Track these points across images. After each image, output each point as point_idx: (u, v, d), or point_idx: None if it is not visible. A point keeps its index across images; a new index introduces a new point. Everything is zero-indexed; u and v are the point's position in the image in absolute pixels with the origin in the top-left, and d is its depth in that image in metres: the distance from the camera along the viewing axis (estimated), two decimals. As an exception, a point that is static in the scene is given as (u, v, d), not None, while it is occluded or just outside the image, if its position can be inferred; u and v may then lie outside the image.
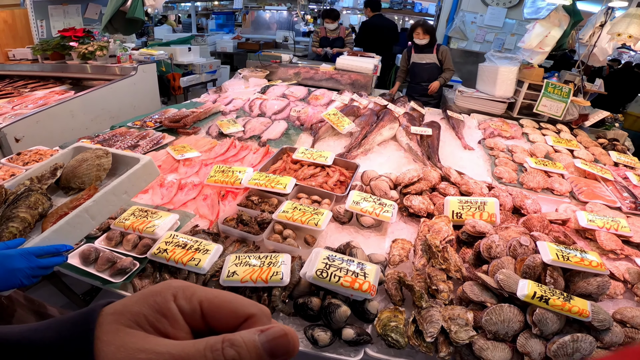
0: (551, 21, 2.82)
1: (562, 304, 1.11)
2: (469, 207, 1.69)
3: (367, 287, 1.19)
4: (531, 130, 2.99)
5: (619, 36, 2.56)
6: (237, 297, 0.38)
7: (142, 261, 1.42)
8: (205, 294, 0.37)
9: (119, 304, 0.35)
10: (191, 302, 0.36)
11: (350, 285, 1.19)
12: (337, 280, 1.20)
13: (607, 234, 1.72)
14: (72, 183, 1.18)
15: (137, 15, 3.27)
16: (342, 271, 1.22)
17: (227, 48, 6.65)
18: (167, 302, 0.36)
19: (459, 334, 1.11)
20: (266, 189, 1.83)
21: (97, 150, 1.24)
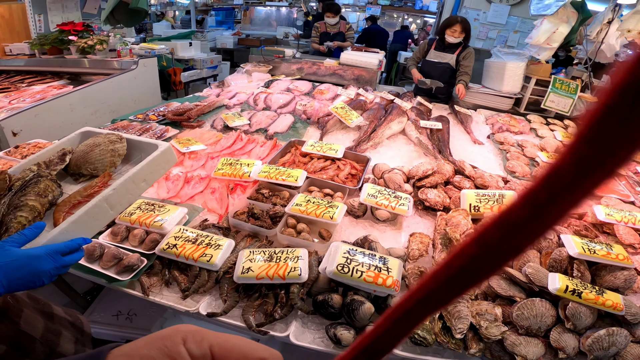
0: (559, 17, 2.79)
1: (595, 297, 1.07)
2: (486, 200, 1.65)
3: (390, 282, 1.14)
4: (539, 126, 2.97)
5: (629, 32, 2.54)
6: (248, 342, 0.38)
7: (150, 257, 1.34)
8: (215, 338, 0.38)
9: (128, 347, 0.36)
10: (201, 347, 0.37)
11: (373, 281, 1.14)
12: (360, 275, 1.14)
13: (625, 228, 1.68)
14: (84, 169, 1.10)
15: (141, 5, 3.19)
16: (364, 266, 1.17)
17: (227, 44, 6.57)
18: (177, 346, 0.36)
19: (490, 329, 1.06)
20: (277, 181, 1.77)
21: (110, 135, 1.17)
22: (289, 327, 1.17)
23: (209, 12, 8.82)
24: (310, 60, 4.25)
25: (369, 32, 7.28)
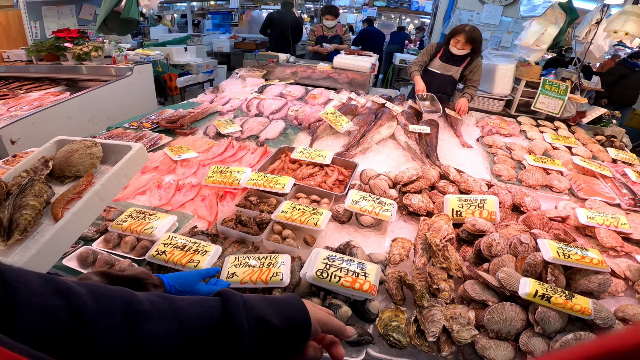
0: (547, 19, 2.82)
1: (564, 302, 1.10)
2: (468, 205, 1.69)
3: (367, 287, 1.18)
4: (529, 128, 3.00)
5: (615, 33, 2.56)
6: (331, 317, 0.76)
7: (141, 263, 1.41)
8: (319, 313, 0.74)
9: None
10: None
11: (350, 286, 1.18)
12: (338, 280, 1.19)
13: (607, 231, 1.72)
14: (67, 172, 1.23)
15: (132, 16, 3.24)
16: (342, 271, 1.21)
17: (223, 48, 6.62)
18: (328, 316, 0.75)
19: (461, 333, 1.10)
20: (265, 189, 1.82)
21: (85, 142, 1.31)
22: None
23: (205, 15, 8.87)
24: (304, 65, 4.29)
25: (365, 34, 7.36)
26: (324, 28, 5.08)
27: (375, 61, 4.13)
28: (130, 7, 3.18)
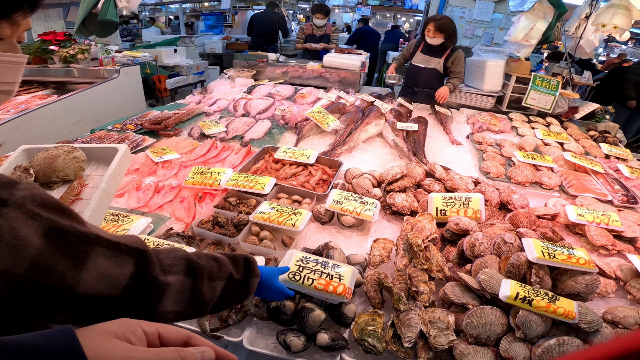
0: (536, 13, 2.77)
1: (546, 305, 1.05)
2: (453, 204, 1.63)
3: (341, 290, 1.12)
4: (520, 124, 2.94)
5: (603, 27, 2.51)
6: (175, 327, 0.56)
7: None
8: (157, 324, 0.54)
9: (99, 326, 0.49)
10: (151, 327, 0.52)
11: (324, 289, 1.12)
12: (311, 283, 1.13)
13: (597, 229, 1.66)
14: (54, 177, 1.25)
15: (109, 17, 3.17)
16: (315, 273, 1.16)
17: (216, 49, 6.57)
18: (134, 326, 0.51)
19: (437, 338, 1.04)
20: (244, 189, 1.77)
21: (62, 147, 1.31)
22: (243, 332, 1.18)
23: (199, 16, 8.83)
24: (295, 64, 4.24)
25: (361, 33, 7.35)
26: (314, 27, 5.04)
27: (366, 59, 4.08)
28: (108, 8, 3.11)
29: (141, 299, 0.65)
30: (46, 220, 0.54)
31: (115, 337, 0.47)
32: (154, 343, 0.51)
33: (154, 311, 0.67)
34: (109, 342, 0.46)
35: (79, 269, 0.56)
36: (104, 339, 0.45)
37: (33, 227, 0.53)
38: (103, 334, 0.46)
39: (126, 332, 0.48)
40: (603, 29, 2.52)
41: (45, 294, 0.53)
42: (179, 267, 0.74)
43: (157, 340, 0.52)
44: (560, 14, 2.82)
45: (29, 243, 0.52)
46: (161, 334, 0.52)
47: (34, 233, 0.53)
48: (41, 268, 0.52)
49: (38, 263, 0.52)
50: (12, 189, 0.53)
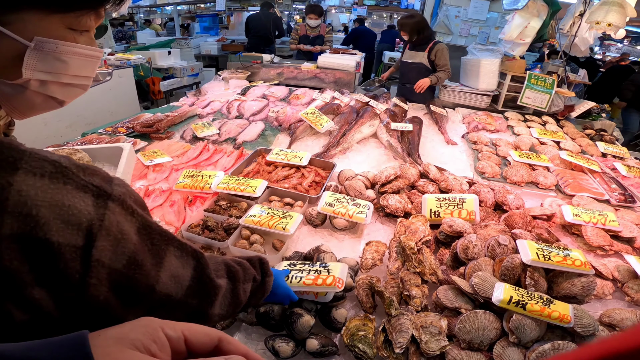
0: (530, 11, 2.75)
1: (540, 309, 1.02)
2: (447, 205, 1.61)
3: (331, 281, 1.10)
4: (516, 123, 2.92)
5: (597, 24, 2.49)
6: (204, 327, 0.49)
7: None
8: (182, 325, 0.47)
9: (114, 332, 0.42)
10: (176, 331, 0.45)
11: (313, 282, 1.11)
12: (299, 280, 1.12)
13: (594, 229, 1.64)
14: None
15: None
16: (303, 272, 1.15)
17: (211, 50, 6.54)
18: (157, 332, 0.44)
19: (429, 344, 1.02)
20: (235, 192, 1.74)
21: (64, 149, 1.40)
22: (232, 337, 1.15)
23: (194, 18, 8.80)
24: (290, 65, 4.22)
25: (357, 33, 7.35)
26: (308, 27, 5.01)
27: (361, 59, 4.06)
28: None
29: (197, 300, 0.65)
30: (140, 217, 0.56)
31: (133, 347, 0.41)
32: (178, 349, 0.45)
33: (206, 313, 0.68)
34: (124, 354, 0.40)
35: (159, 267, 0.57)
36: (119, 351, 0.40)
37: (131, 222, 0.54)
38: (119, 344, 0.41)
39: (146, 341, 0.42)
40: (597, 26, 2.50)
41: (134, 291, 0.54)
42: (223, 271, 0.76)
43: (183, 346, 0.46)
44: (554, 11, 2.81)
45: (129, 238, 0.53)
46: (187, 338, 0.46)
47: (131, 228, 0.54)
48: (135, 264, 0.53)
49: (134, 258, 0.53)
50: (111, 183, 0.54)
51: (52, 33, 0.58)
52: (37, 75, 0.60)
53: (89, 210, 0.49)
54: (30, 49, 0.57)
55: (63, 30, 0.60)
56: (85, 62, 0.66)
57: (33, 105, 0.64)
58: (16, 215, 0.43)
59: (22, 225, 0.43)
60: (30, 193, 0.44)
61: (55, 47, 0.59)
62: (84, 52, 0.64)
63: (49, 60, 0.60)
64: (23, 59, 0.58)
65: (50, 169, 0.47)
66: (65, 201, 0.47)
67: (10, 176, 0.44)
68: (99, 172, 0.54)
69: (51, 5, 0.56)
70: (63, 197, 0.47)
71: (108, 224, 0.50)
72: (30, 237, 0.44)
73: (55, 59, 0.60)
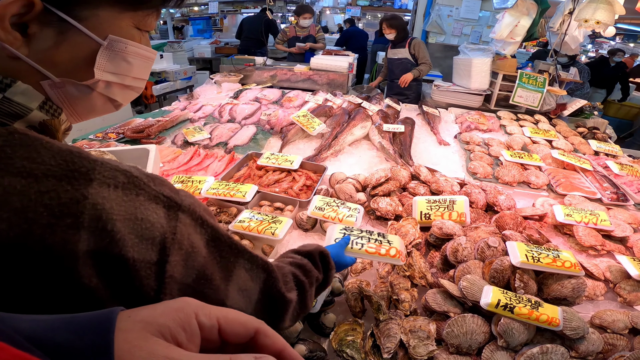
0: (519, 10, 2.76)
1: (528, 312, 1.01)
2: (437, 207, 1.60)
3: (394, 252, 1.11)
4: (509, 122, 2.92)
5: (586, 22, 2.49)
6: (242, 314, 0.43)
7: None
8: (218, 311, 0.42)
9: (145, 313, 0.38)
10: (210, 319, 0.41)
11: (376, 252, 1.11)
12: (360, 247, 1.12)
13: (585, 229, 1.63)
14: None
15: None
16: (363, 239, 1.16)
17: (205, 53, 6.52)
18: (190, 318, 0.40)
19: (417, 349, 1.01)
20: (225, 198, 1.72)
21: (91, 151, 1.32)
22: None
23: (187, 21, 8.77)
24: (283, 67, 4.20)
25: (349, 34, 7.35)
26: (297, 28, 5.00)
27: (353, 60, 4.05)
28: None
29: (267, 316, 0.62)
30: (210, 228, 0.53)
31: (159, 335, 0.37)
32: (210, 338, 0.41)
33: (277, 327, 0.64)
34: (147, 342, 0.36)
35: (228, 281, 0.54)
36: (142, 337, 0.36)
37: (201, 234, 0.52)
38: (145, 329, 0.37)
39: (174, 328, 0.38)
40: (586, 24, 2.50)
41: None
42: (292, 283, 0.72)
43: (216, 335, 0.41)
44: (543, 10, 2.81)
45: (199, 251, 0.50)
46: (222, 328, 0.42)
47: (201, 241, 0.51)
48: (204, 278, 0.51)
49: (203, 272, 0.50)
50: (179, 193, 0.51)
51: (123, 32, 0.56)
52: (106, 77, 0.57)
53: (162, 223, 0.46)
54: (103, 48, 0.54)
55: (132, 30, 0.57)
56: (145, 63, 0.63)
57: (94, 107, 0.61)
58: (92, 230, 0.41)
59: (98, 240, 0.41)
60: (105, 206, 0.42)
61: (125, 47, 0.57)
62: (146, 53, 0.62)
63: (117, 60, 0.57)
64: (93, 59, 0.54)
65: (122, 179, 0.45)
66: (139, 214, 0.45)
67: (84, 188, 0.42)
68: (167, 182, 0.52)
69: (126, 2, 0.54)
70: (136, 209, 0.45)
71: (180, 237, 0.47)
72: (106, 253, 0.42)
73: (122, 59, 0.58)
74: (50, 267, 0.40)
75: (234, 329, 0.42)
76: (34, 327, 0.33)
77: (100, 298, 0.42)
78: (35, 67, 0.51)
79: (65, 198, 0.41)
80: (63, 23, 0.50)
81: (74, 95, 0.57)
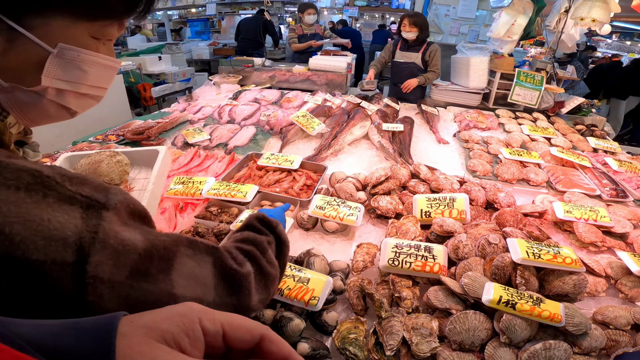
0: (515, 9, 2.77)
1: (530, 308, 1.02)
2: (437, 205, 1.60)
3: (438, 269, 1.21)
4: (507, 120, 2.93)
5: (582, 20, 2.50)
6: (247, 319, 0.44)
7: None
8: (223, 316, 0.42)
9: (148, 318, 0.38)
10: (215, 325, 0.41)
11: (421, 269, 1.22)
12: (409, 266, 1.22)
13: (585, 226, 1.63)
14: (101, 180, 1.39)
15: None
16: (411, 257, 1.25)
17: (203, 55, 6.53)
18: (194, 324, 0.40)
19: (420, 345, 1.01)
20: (226, 198, 1.73)
21: (104, 152, 1.39)
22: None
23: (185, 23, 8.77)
24: (283, 68, 4.21)
25: (342, 36, 7.32)
26: (304, 26, 5.00)
27: (352, 60, 4.05)
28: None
29: (234, 297, 0.62)
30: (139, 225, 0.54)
31: (162, 340, 0.37)
32: (214, 345, 0.41)
33: (249, 305, 0.65)
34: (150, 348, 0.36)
35: (169, 271, 0.54)
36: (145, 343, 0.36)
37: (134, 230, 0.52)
38: (147, 335, 0.37)
39: (178, 334, 0.38)
40: (581, 22, 2.51)
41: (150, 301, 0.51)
42: (241, 257, 0.69)
43: (221, 341, 0.41)
44: (539, 8, 2.83)
45: (132, 248, 0.50)
46: (227, 333, 0.41)
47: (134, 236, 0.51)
48: (140, 273, 0.50)
49: (137, 267, 0.50)
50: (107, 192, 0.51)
51: (76, 41, 0.56)
52: (55, 84, 0.58)
53: (76, 223, 0.45)
54: (53, 56, 0.55)
55: (87, 39, 0.58)
56: (105, 72, 0.64)
57: (45, 114, 0.62)
58: None
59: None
60: (2, 209, 0.41)
61: (77, 55, 0.57)
62: (105, 62, 0.62)
63: (69, 68, 0.58)
64: (43, 66, 0.55)
65: (27, 180, 0.44)
66: (44, 215, 0.43)
67: None
68: (90, 182, 0.51)
69: (80, 12, 0.54)
70: (41, 211, 0.43)
71: (104, 236, 0.47)
72: (7, 256, 0.41)
73: (76, 67, 0.58)
74: None
75: (239, 335, 0.42)
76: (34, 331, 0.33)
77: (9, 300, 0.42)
78: None
79: None
80: (12, 31, 0.50)
81: (23, 101, 0.57)
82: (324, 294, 1.12)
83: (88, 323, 0.35)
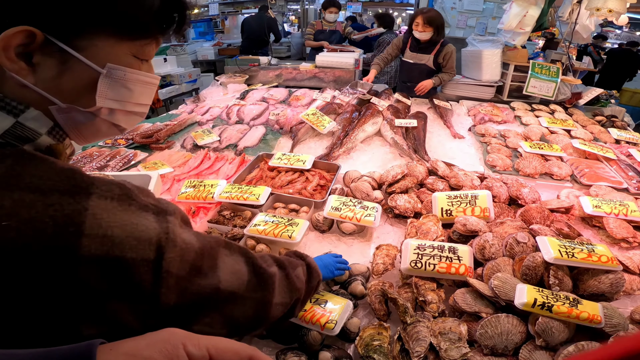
0: (527, 0, 2.67)
1: (568, 310, 0.95)
2: (459, 203, 1.54)
3: (463, 270, 1.17)
4: (523, 113, 2.84)
5: (598, 11, 2.40)
6: (234, 342, 0.47)
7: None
8: (208, 340, 0.44)
9: (128, 346, 0.40)
10: (200, 349, 0.42)
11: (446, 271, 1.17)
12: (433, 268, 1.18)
13: (616, 221, 1.56)
14: None
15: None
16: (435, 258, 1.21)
17: (208, 56, 6.49)
18: (178, 349, 0.41)
19: (449, 352, 0.95)
20: (238, 201, 1.68)
21: None
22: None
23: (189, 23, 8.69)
24: (289, 66, 4.16)
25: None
26: (324, 22, 4.94)
27: (359, 56, 3.99)
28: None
29: (260, 293, 0.70)
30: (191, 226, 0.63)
31: None
32: None
33: (271, 303, 0.72)
34: None
35: (215, 268, 0.61)
36: None
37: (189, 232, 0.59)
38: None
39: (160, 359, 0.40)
40: (597, 13, 2.41)
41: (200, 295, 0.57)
42: (271, 261, 0.79)
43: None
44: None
45: (192, 247, 0.57)
46: (213, 357, 0.43)
47: (191, 237, 0.58)
48: (196, 269, 0.57)
49: (195, 264, 0.57)
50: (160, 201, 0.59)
51: (121, 60, 0.59)
52: (108, 104, 0.61)
53: (154, 226, 0.53)
54: (103, 76, 0.58)
55: (129, 58, 0.61)
56: (147, 89, 0.67)
57: (98, 132, 0.65)
58: (93, 237, 0.46)
59: (98, 246, 0.46)
60: (103, 216, 0.48)
61: (124, 74, 0.60)
62: (147, 79, 0.65)
63: (117, 87, 0.61)
64: (94, 87, 0.58)
65: (117, 191, 0.52)
66: (134, 220, 0.51)
67: (85, 201, 0.47)
68: (151, 193, 0.60)
69: (123, 32, 0.57)
70: (130, 216, 0.51)
71: (173, 236, 0.54)
72: (107, 256, 0.47)
73: (122, 86, 0.61)
74: (53, 270, 0.44)
75: (226, 358, 0.44)
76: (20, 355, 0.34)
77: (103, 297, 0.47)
78: (42, 94, 0.54)
79: (68, 210, 0.46)
80: (64, 53, 0.53)
81: (80, 121, 0.61)
82: (342, 318, 1.07)
83: (64, 352, 0.36)
